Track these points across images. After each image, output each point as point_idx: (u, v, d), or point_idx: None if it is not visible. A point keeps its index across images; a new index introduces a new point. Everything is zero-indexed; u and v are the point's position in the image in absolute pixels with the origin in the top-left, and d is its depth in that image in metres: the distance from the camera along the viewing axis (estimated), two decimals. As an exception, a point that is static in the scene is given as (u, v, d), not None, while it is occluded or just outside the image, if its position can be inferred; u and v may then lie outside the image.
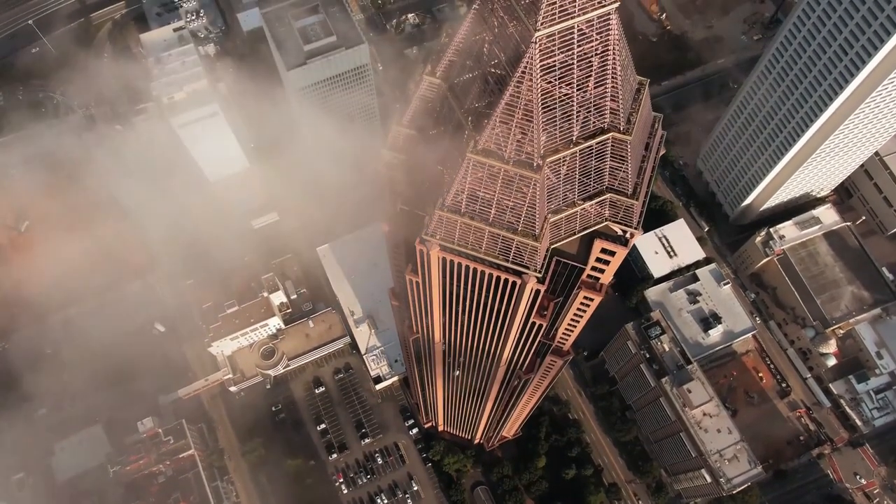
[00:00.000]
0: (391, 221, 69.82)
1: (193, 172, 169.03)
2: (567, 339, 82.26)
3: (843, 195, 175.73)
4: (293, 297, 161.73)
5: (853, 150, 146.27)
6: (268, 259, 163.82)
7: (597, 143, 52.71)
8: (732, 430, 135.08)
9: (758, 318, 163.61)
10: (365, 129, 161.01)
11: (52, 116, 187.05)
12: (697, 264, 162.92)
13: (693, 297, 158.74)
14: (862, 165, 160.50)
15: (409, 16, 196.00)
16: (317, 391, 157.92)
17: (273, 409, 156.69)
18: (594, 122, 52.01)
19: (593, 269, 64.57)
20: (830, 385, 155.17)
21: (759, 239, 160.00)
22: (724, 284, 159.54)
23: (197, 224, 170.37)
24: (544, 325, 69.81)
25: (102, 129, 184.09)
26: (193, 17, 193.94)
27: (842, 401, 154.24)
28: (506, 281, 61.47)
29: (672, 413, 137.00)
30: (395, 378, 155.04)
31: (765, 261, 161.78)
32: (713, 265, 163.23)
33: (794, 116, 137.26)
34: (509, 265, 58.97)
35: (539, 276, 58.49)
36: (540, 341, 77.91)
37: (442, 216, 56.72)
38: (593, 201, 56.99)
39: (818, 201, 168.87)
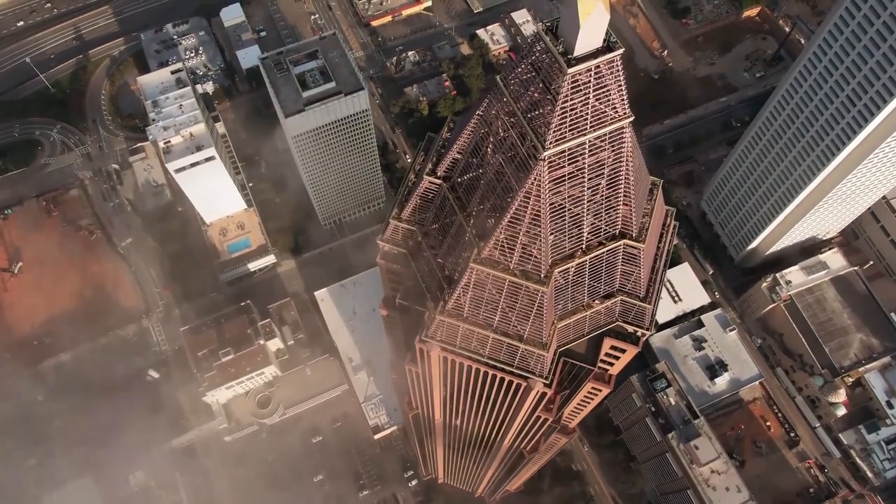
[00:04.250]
0: (389, 306, 66.96)
1: (190, 213, 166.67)
2: (574, 419, 79.00)
3: (850, 237, 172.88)
4: (290, 343, 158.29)
5: (863, 195, 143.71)
6: (265, 303, 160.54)
7: (608, 252, 49.92)
8: (742, 489, 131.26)
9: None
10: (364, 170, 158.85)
11: (48, 154, 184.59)
12: (702, 309, 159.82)
13: (698, 343, 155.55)
14: (869, 208, 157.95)
15: (410, 53, 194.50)
16: (314, 440, 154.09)
17: (269, 458, 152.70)
18: (605, 230, 49.26)
19: (602, 361, 61.60)
20: (840, 435, 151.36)
21: (765, 284, 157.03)
22: (730, 330, 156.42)
23: (193, 267, 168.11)
24: (550, 418, 66.66)
25: (99, 168, 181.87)
26: (192, 55, 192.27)
27: (852, 451, 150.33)
28: (510, 382, 58.42)
29: (679, 469, 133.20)
30: (395, 427, 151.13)
31: (771, 306, 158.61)
32: (719, 310, 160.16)
33: (803, 162, 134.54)
34: (514, 370, 55.94)
35: (546, 381, 55.44)
36: (545, 424, 74.62)
37: (443, 321, 53.76)
38: (603, 304, 54.11)
39: (824, 243, 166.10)
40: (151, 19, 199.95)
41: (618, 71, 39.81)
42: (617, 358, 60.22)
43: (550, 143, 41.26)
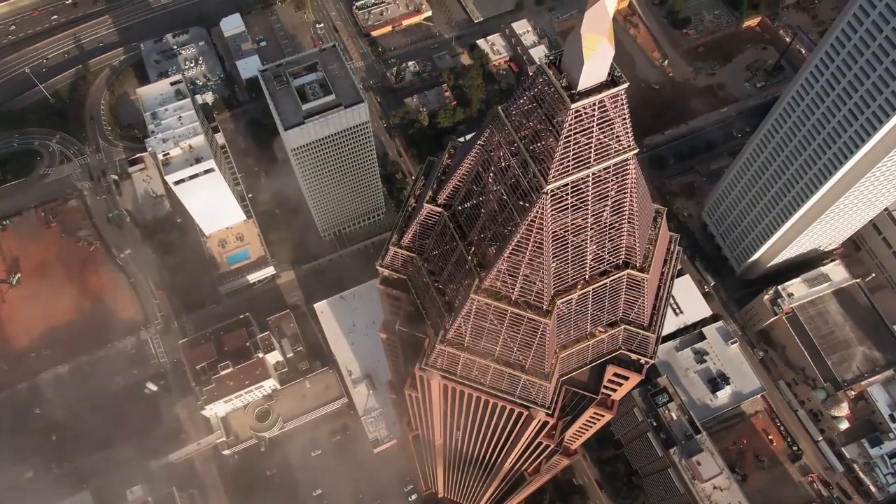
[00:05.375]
0: (389, 330, 66.11)
1: (189, 224, 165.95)
2: (576, 441, 78.06)
3: (851, 248, 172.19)
4: (289, 355, 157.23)
5: (865, 207, 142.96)
6: (264, 315, 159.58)
7: (611, 281, 49.14)
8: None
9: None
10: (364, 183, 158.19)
11: (47, 165, 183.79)
12: (704, 322, 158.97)
13: (700, 356, 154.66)
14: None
15: (410, 63, 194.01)
16: (313, 454, 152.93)
17: (267, 472, 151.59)
18: (608, 260, 48.47)
19: (605, 387, 60.73)
20: (843, 449, 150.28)
21: (767, 297, 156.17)
22: (732, 343, 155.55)
23: (192, 279, 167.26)
24: (551, 444, 65.74)
25: (98, 179, 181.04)
26: (192, 65, 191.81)
27: (855, 465, 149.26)
28: (511, 410, 57.54)
29: (681, 485, 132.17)
30: (394, 441, 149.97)
31: (773, 319, 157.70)
32: (720, 323, 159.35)
33: (805, 175, 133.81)
34: (516, 399, 55.07)
35: (548, 411, 54.55)
36: (546, 450, 73.68)
37: (443, 350, 52.91)
38: (607, 333, 53.29)
39: (826, 255, 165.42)
40: (151, 29, 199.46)
41: (622, 104, 39.12)
42: (620, 384, 59.40)
43: (554, 176, 40.52)
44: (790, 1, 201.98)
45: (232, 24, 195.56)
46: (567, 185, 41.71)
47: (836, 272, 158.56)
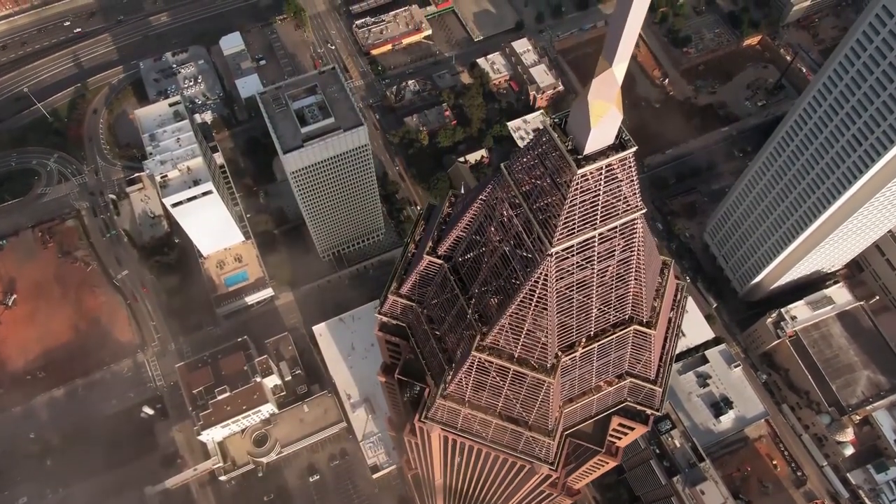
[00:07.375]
0: (388, 374, 64.62)
1: (187, 245, 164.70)
2: (579, 482, 76.29)
3: (854, 269, 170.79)
4: (287, 378, 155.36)
5: (870, 230, 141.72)
6: (262, 337, 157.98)
7: (617, 337, 47.72)
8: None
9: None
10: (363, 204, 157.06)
11: (45, 184, 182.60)
12: (706, 345, 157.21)
13: (703, 379, 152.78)
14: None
15: (410, 82, 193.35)
16: (311, 479, 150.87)
17: (265, 498, 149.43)
18: (614, 315, 47.09)
19: (610, 436, 59.16)
20: (848, 475, 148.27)
21: (770, 319, 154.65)
22: (735, 367, 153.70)
23: (190, 300, 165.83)
24: (555, 493, 64.10)
25: (96, 197, 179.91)
26: (191, 83, 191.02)
27: (860, 491, 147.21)
28: (513, 463, 55.97)
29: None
30: (393, 467, 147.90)
31: (776, 342, 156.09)
32: (723, 345, 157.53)
33: (810, 198, 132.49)
34: (518, 455, 53.50)
35: (552, 466, 52.99)
36: (549, 496, 72.03)
37: (443, 404, 51.40)
38: (612, 387, 51.82)
39: (829, 276, 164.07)
40: (151, 47, 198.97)
41: (630, 166, 37.86)
42: (625, 433, 57.86)
43: (558, 238, 39.21)
44: (791, 19, 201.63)
45: (231, 43, 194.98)
46: (572, 245, 40.37)
47: (840, 295, 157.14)
